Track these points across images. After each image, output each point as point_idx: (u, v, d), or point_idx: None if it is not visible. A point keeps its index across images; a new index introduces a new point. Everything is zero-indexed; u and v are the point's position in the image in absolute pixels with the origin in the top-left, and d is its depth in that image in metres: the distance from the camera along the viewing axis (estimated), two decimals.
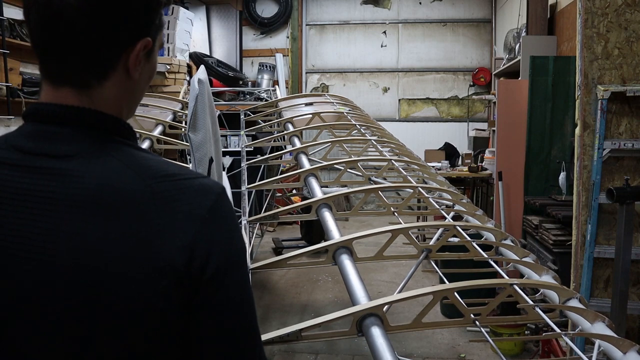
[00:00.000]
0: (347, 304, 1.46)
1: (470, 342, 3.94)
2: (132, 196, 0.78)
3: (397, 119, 9.27)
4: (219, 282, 0.81)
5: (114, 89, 0.86)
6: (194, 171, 0.93)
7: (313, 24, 9.43)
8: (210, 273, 0.80)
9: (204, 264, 0.79)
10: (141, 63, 0.87)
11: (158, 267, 0.77)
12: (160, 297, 0.77)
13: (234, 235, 0.85)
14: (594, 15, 3.11)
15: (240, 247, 0.86)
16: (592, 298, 3.16)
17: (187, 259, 0.78)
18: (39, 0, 0.79)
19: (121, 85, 0.87)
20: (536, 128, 4.97)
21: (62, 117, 0.82)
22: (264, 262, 1.84)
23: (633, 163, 3.15)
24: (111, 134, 0.85)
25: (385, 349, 1.26)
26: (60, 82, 0.83)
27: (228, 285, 0.82)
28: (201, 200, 0.82)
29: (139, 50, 0.85)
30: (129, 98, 0.90)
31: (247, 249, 2.20)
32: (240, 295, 0.84)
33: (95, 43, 0.82)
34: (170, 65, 7.28)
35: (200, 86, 1.78)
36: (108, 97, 0.85)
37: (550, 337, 2.86)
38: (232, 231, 0.85)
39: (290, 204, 6.73)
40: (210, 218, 0.81)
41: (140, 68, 0.88)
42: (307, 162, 2.91)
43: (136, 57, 0.85)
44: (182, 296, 0.79)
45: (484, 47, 9.08)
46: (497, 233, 2.14)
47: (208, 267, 0.79)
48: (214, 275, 0.80)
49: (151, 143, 3.52)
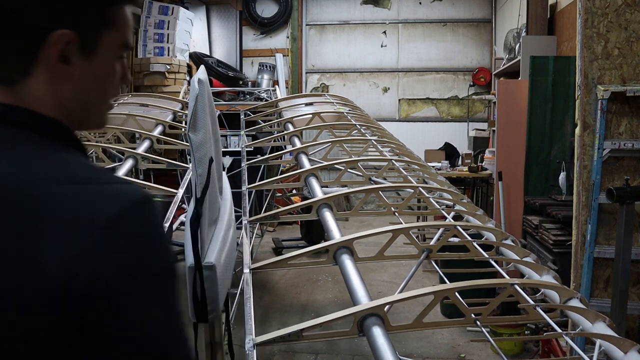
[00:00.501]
0: (347, 304, 1.46)
1: (470, 342, 3.94)
2: (23, 199, 0.70)
3: (397, 119, 9.27)
4: (114, 305, 0.68)
5: (43, 86, 0.80)
6: (119, 177, 0.83)
7: (313, 24, 9.43)
8: (100, 294, 0.67)
9: (91, 282, 0.67)
10: (71, 60, 0.80)
11: (32, 282, 0.66)
12: (35, 318, 0.66)
13: (145, 250, 0.73)
14: (594, 15, 3.11)
15: (156, 264, 0.74)
16: (592, 298, 3.16)
17: (69, 276, 0.66)
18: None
19: (54, 83, 0.80)
20: (536, 128, 4.98)
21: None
22: (264, 262, 1.84)
23: (633, 163, 3.15)
24: (39, 133, 0.78)
25: (386, 349, 1.26)
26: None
27: (127, 308, 0.69)
28: (104, 208, 0.71)
29: (54, 43, 0.77)
30: (73, 98, 0.83)
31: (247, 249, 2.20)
32: (147, 321, 0.71)
33: (4, 35, 0.77)
34: (170, 65, 7.29)
35: (200, 86, 1.78)
36: (38, 95, 0.79)
37: (551, 337, 2.86)
38: (142, 245, 0.73)
39: (290, 204, 6.73)
40: (109, 229, 0.69)
41: (73, 67, 0.80)
42: (307, 162, 2.91)
43: (56, 51, 0.78)
44: (64, 319, 0.66)
45: (484, 47, 9.08)
46: (498, 233, 2.14)
47: (96, 286, 0.67)
48: (106, 297, 0.68)
49: (151, 143, 3.52)
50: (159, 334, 0.73)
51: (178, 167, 3.33)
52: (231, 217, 2.22)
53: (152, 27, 7.49)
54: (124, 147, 3.35)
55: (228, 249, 2.00)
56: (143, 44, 7.50)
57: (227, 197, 2.35)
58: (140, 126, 3.80)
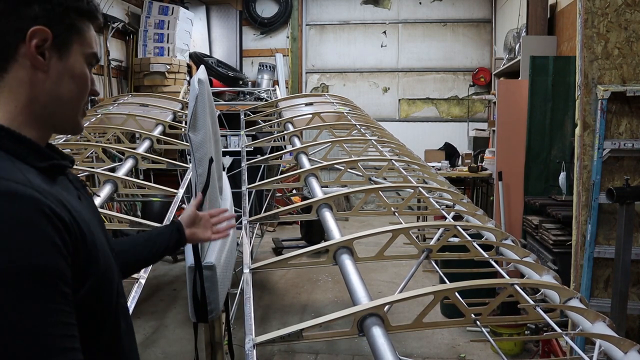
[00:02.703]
0: (347, 304, 1.46)
1: (470, 342, 3.94)
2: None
3: (397, 119, 9.27)
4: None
5: (17, 82, 0.91)
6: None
7: (313, 24, 9.43)
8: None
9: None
10: (48, 57, 0.92)
11: None
12: None
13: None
14: (594, 15, 3.11)
15: (3, 262, 0.74)
16: (592, 298, 3.16)
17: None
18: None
19: (30, 76, 0.91)
20: (536, 128, 4.97)
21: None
22: (264, 262, 1.84)
23: (633, 163, 3.15)
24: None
25: (386, 349, 1.26)
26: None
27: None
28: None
29: (32, 36, 0.90)
30: (48, 93, 0.93)
31: (247, 249, 2.20)
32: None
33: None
34: (170, 65, 7.28)
35: (200, 86, 1.78)
36: (10, 91, 0.91)
37: (551, 337, 2.86)
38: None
39: (290, 204, 6.73)
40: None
41: (48, 64, 0.92)
42: (307, 162, 2.91)
43: (34, 45, 0.90)
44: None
45: (484, 47, 9.08)
46: (498, 233, 2.14)
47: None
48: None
49: (151, 143, 3.52)
50: (6, 338, 0.71)
51: (178, 167, 3.33)
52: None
53: (152, 27, 7.49)
54: (124, 147, 3.35)
55: (228, 249, 2.00)
56: (143, 44, 7.49)
57: (227, 197, 2.35)
58: (140, 126, 3.80)
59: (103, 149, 3.37)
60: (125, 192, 3.37)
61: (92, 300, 0.90)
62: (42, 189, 0.83)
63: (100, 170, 2.94)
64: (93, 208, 1.07)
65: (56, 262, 0.79)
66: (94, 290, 0.90)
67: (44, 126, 0.96)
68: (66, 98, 0.96)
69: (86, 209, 1.00)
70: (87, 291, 0.88)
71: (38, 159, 0.91)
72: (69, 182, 1.02)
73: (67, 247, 0.82)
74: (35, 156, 0.91)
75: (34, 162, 0.90)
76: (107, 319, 0.96)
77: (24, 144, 0.90)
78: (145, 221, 2.53)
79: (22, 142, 0.90)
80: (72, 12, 0.95)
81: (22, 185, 0.80)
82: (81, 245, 0.87)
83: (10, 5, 0.89)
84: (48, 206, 0.81)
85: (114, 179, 2.74)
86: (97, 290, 0.91)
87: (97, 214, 1.08)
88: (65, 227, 0.83)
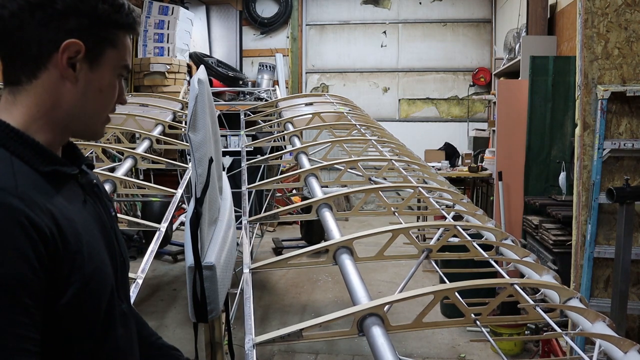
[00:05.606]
0: (347, 304, 1.46)
1: (470, 342, 3.94)
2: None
3: (397, 119, 9.27)
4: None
5: (44, 89, 0.92)
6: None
7: (313, 24, 9.43)
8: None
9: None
10: (78, 69, 0.93)
11: None
12: None
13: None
14: (594, 15, 3.11)
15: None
16: (592, 298, 3.16)
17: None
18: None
19: (59, 86, 0.92)
20: (536, 128, 4.97)
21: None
22: (264, 262, 1.84)
23: (633, 163, 3.15)
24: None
25: (386, 349, 1.26)
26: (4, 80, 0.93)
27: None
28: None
29: (65, 50, 0.91)
30: (75, 103, 0.94)
31: (247, 249, 2.20)
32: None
33: (24, 40, 0.89)
34: (170, 65, 7.28)
35: (200, 86, 1.77)
36: (36, 96, 0.92)
37: (550, 337, 2.86)
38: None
39: (290, 204, 6.73)
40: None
41: (77, 75, 0.93)
42: (307, 162, 2.91)
43: (66, 57, 0.91)
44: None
45: (484, 47, 9.08)
46: (498, 233, 2.14)
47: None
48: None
49: (151, 143, 3.52)
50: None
51: (178, 167, 3.33)
52: (231, 217, 2.22)
53: (152, 27, 7.49)
54: (123, 147, 3.35)
55: (228, 249, 2.00)
56: (143, 44, 7.50)
57: (227, 197, 2.35)
58: (140, 126, 3.79)
59: (103, 149, 3.37)
60: (125, 192, 3.37)
61: (76, 307, 0.89)
62: (28, 197, 0.83)
63: (99, 170, 2.94)
64: (98, 213, 1.04)
65: (21, 272, 0.79)
66: (76, 297, 0.88)
67: (63, 131, 0.97)
68: (90, 108, 0.97)
69: (87, 214, 0.98)
70: (70, 298, 0.87)
71: (42, 163, 0.91)
72: (78, 187, 1.00)
73: (40, 259, 0.82)
74: (40, 160, 0.91)
75: (37, 166, 0.90)
76: (94, 326, 0.94)
77: (30, 147, 0.90)
78: (144, 221, 2.52)
79: (29, 144, 0.90)
80: (111, 25, 0.95)
81: (4, 192, 0.81)
82: (62, 253, 0.86)
83: (47, 15, 0.89)
84: (27, 216, 0.81)
85: (112, 178, 2.73)
86: (80, 297, 0.89)
87: (102, 219, 1.04)
88: (42, 237, 0.82)
